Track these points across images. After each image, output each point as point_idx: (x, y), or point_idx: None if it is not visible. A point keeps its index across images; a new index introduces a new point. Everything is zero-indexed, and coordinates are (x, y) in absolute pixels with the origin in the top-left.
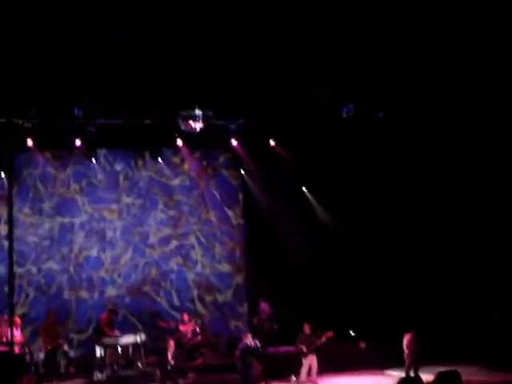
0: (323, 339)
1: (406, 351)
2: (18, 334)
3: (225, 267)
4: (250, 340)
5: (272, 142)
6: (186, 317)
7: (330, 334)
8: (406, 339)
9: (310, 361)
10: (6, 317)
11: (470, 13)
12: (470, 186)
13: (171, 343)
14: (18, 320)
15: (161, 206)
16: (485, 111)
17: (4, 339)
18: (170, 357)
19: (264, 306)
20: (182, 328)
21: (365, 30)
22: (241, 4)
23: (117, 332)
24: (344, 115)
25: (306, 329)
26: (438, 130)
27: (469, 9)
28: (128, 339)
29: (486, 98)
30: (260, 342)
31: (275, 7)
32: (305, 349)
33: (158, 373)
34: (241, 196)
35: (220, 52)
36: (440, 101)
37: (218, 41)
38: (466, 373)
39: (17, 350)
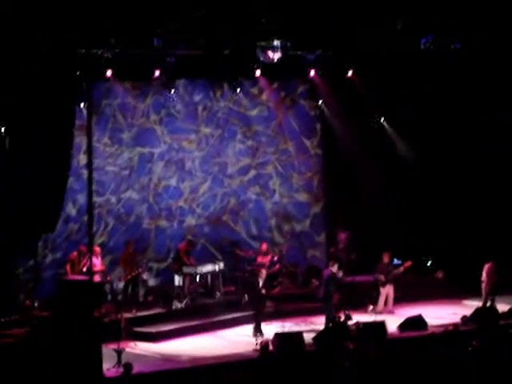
0: (401, 269)
1: (484, 281)
2: (98, 263)
3: (302, 197)
4: (335, 269)
5: (350, 73)
6: (264, 247)
7: (408, 263)
8: (485, 269)
9: (388, 290)
10: (84, 247)
11: None
12: None
13: (263, 272)
14: (97, 249)
15: (239, 136)
16: None
17: (85, 268)
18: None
19: (342, 236)
20: (260, 259)
21: None
22: None
23: (195, 261)
24: (422, 46)
25: (385, 258)
26: None
27: None
28: (206, 268)
29: None
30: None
31: None
32: (383, 278)
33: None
34: (318, 126)
35: None
36: None
37: None
38: None
39: (97, 278)
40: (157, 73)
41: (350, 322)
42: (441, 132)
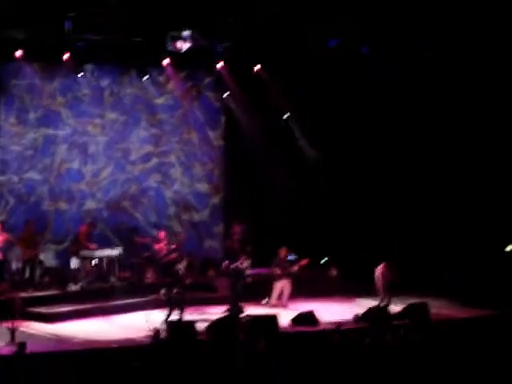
0: (297, 267)
1: (377, 281)
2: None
3: (203, 187)
4: (245, 264)
5: (257, 67)
6: (162, 234)
7: (304, 261)
8: (378, 269)
9: (283, 285)
10: None
11: None
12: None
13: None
14: None
15: (143, 123)
16: None
17: None
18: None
19: (237, 228)
20: (156, 246)
21: None
22: None
23: (94, 245)
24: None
25: (282, 253)
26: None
27: None
28: (104, 253)
29: None
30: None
31: None
32: (279, 271)
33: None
34: (223, 118)
35: None
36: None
37: None
38: (435, 306)
39: None
40: (66, 56)
41: (242, 314)
42: (342, 128)
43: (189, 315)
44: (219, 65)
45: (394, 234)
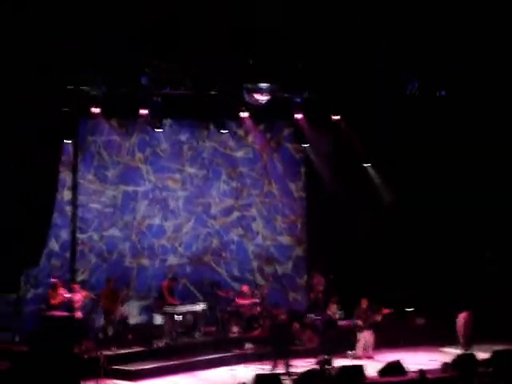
0: (379, 316)
1: (460, 329)
2: (78, 299)
3: (285, 239)
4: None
5: (336, 117)
6: (245, 288)
7: (386, 310)
8: (460, 318)
9: (366, 336)
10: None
11: None
12: None
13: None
14: (76, 286)
15: (224, 177)
16: None
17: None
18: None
19: (318, 279)
20: (238, 301)
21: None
22: None
23: (177, 300)
24: (407, 92)
25: (363, 303)
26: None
27: None
28: (187, 308)
29: None
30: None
31: None
32: (361, 323)
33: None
34: (303, 169)
35: (287, 27)
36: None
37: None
38: None
39: (79, 314)
40: (143, 111)
41: (328, 366)
42: (424, 177)
43: (275, 369)
44: (298, 115)
45: (478, 280)
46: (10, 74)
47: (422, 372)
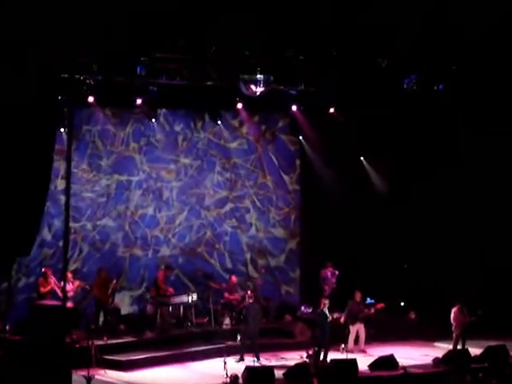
0: (372, 310)
1: (453, 324)
2: (70, 289)
3: (279, 232)
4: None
5: (331, 109)
6: (234, 279)
7: (380, 305)
8: (453, 312)
9: (358, 329)
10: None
11: None
12: None
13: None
14: (69, 275)
15: (218, 168)
16: None
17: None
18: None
19: (330, 272)
20: (226, 295)
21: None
22: None
23: (172, 289)
24: (405, 86)
25: (357, 296)
26: None
27: None
28: (179, 299)
29: None
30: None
31: None
32: (353, 315)
33: None
34: (298, 162)
35: (284, 20)
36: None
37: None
38: None
39: (70, 304)
40: (139, 101)
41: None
42: (420, 171)
43: (266, 361)
44: (293, 108)
45: (471, 275)
46: (4, 62)
47: (404, 369)
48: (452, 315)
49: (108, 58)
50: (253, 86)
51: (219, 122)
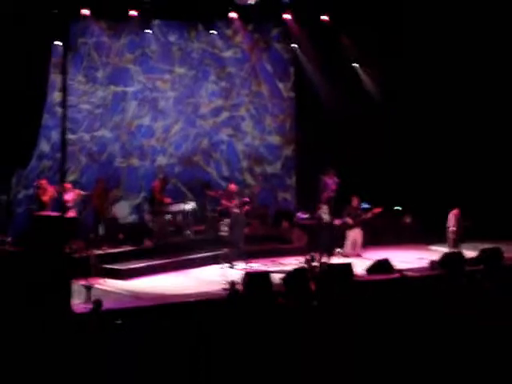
0: (370, 214)
1: (450, 227)
2: (70, 199)
3: (275, 139)
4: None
5: (325, 17)
6: (233, 187)
7: (377, 209)
8: (450, 215)
9: (355, 234)
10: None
11: None
12: None
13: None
14: (68, 185)
15: (213, 77)
16: None
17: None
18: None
19: (330, 180)
20: (224, 202)
21: None
22: None
23: (169, 199)
24: None
25: (354, 202)
26: None
27: None
28: (178, 207)
29: None
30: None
31: None
32: (350, 221)
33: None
34: (292, 69)
35: None
36: None
37: None
38: (509, 250)
39: (70, 214)
40: (133, 12)
41: (315, 264)
42: (414, 77)
43: (264, 267)
44: (286, 16)
45: (467, 179)
46: None
47: (400, 272)
48: (451, 218)
49: None
50: None
51: (213, 32)
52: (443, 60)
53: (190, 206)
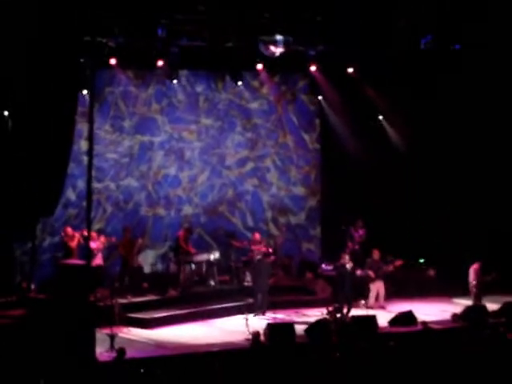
0: (391, 267)
1: (471, 281)
2: (97, 246)
3: (299, 190)
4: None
5: (350, 69)
6: (257, 236)
7: (398, 262)
8: (471, 270)
9: (378, 286)
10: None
11: None
12: None
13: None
14: (93, 234)
15: (239, 128)
16: None
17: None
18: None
19: (361, 231)
20: (254, 247)
21: None
22: None
23: (194, 249)
24: (422, 46)
25: (375, 254)
26: None
27: None
28: (202, 257)
29: None
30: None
31: None
32: (372, 274)
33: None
34: (318, 121)
35: None
36: None
37: None
38: None
39: (96, 261)
40: (160, 62)
41: (338, 315)
42: (439, 131)
43: (287, 318)
44: (313, 68)
45: (491, 233)
46: (27, 24)
47: (424, 324)
48: (471, 273)
49: (129, 20)
50: (272, 47)
51: (240, 83)
52: (467, 112)
53: (214, 255)
